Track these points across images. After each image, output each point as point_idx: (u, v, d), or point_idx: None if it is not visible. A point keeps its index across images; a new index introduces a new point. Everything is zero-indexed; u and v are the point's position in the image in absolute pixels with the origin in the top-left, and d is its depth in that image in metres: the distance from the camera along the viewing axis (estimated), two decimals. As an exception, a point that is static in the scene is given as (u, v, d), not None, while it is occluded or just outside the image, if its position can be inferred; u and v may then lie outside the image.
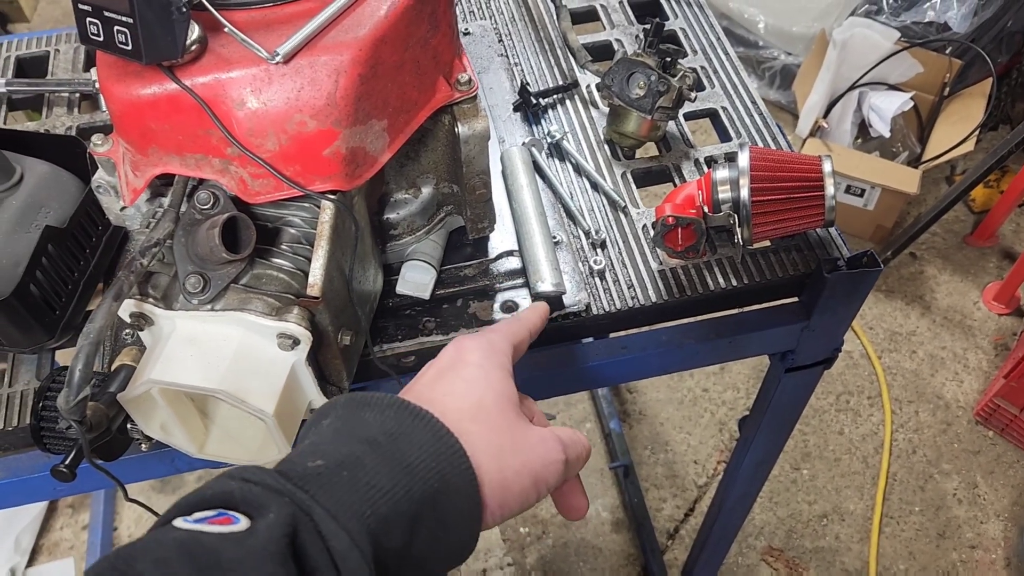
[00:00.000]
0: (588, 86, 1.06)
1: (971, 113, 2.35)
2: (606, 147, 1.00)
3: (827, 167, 0.85)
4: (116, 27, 0.57)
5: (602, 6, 1.17)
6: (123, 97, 0.61)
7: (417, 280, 0.84)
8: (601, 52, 1.11)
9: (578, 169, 0.98)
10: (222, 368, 0.62)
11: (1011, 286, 2.34)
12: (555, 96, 1.05)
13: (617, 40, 1.12)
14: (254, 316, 0.63)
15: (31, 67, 1.11)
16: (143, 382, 0.61)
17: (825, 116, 2.41)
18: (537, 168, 0.96)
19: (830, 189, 0.84)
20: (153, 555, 0.38)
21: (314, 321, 0.65)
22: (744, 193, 0.84)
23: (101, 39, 0.58)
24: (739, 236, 0.84)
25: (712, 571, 1.65)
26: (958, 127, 2.34)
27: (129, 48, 0.57)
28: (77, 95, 1.06)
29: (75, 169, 0.85)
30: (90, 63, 1.11)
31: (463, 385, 0.55)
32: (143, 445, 0.70)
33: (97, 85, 1.02)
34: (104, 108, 1.04)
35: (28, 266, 0.75)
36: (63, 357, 0.86)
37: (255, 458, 0.70)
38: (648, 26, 0.93)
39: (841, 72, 2.35)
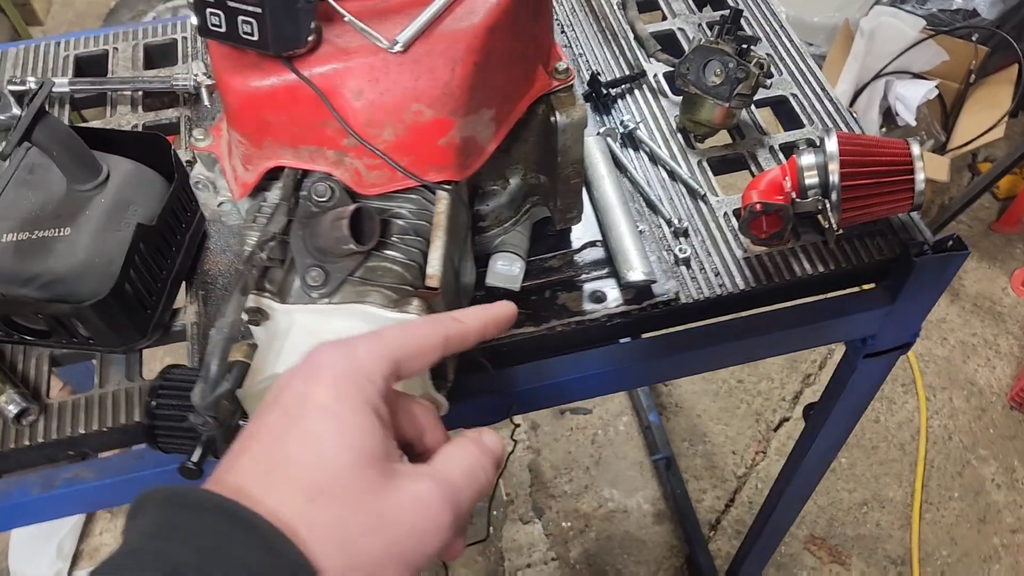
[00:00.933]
0: (655, 75, 1.06)
1: (998, 100, 2.35)
2: (679, 136, 0.99)
3: (916, 150, 0.84)
4: (241, 17, 0.56)
5: (662, -4, 1.16)
6: (241, 89, 0.60)
7: (507, 272, 0.84)
8: (664, 41, 1.10)
9: (653, 158, 0.97)
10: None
11: (1041, 271, 2.35)
12: (623, 86, 1.04)
13: (680, 29, 1.12)
14: (375, 308, 0.62)
15: (89, 66, 1.11)
16: (268, 376, 0.61)
17: (851, 105, 2.41)
18: (613, 158, 0.96)
19: (920, 173, 0.84)
20: None
21: (431, 312, 0.64)
22: (834, 178, 0.83)
23: (223, 30, 0.58)
24: (830, 221, 0.83)
25: (763, 560, 1.65)
26: (984, 114, 2.34)
27: (255, 38, 0.56)
28: (140, 93, 1.06)
29: (158, 166, 0.85)
30: (150, 61, 1.11)
31: (305, 448, 0.40)
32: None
33: (173, 82, 1.02)
34: (186, 104, 1.03)
35: (123, 265, 0.75)
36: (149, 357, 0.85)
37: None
38: (726, 12, 0.93)
39: (867, 62, 2.34)
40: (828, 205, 0.83)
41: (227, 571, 0.35)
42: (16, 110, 1.00)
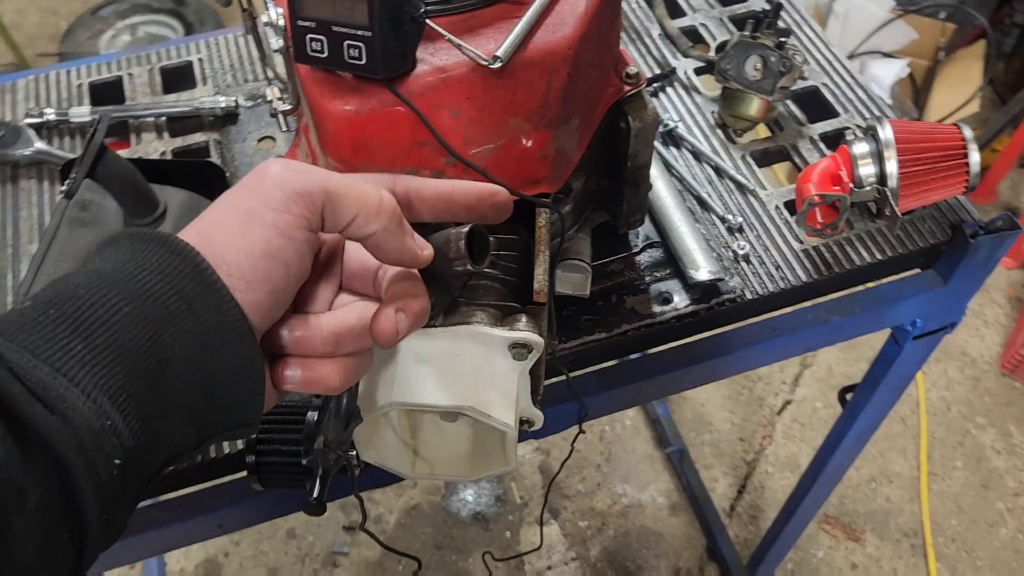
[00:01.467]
0: (685, 71, 1.06)
1: (968, 75, 2.41)
2: (719, 131, 1.00)
3: (967, 133, 0.86)
4: (347, 42, 0.55)
5: (681, -8, 1.17)
6: (340, 114, 0.59)
7: (574, 279, 0.83)
8: (688, 37, 1.10)
9: (697, 155, 0.98)
10: (463, 384, 0.60)
11: (1018, 241, 2.41)
12: (655, 85, 1.04)
13: (702, 24, 1.12)
14: (485, 328, 0.61)
15: (105, 93, 1.07)
16: (384, 405, 0.59)
17: (826, 88, 2.45)
18: (660, 157, 0.96)
19: (974, 156, 0.85)
20: None
21: (539, 328, 0.63)
22: (891, 166, 0.84)
23: (325, 55, 0.56)
24: (892, 208, 0.84)
25: (789, 544, 1.67)
26: (956, 90, 2.40)
27: (363, 63, 0.55)
28: (164, 118, 1.03)
29: (210, 194, 0.82)
30: (167, 85, 1.07)
31: (226, 236, 0.42)
32: (355, 471, 0.67)
33: (199, 105, 0.99)
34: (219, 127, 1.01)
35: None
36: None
37: (474, 473, 0.68)
38: (766, 7, 0.93)
39: (840, 43, 2.38)
40: (887, 193, 0.84)
41: (137, 266, 0.39)
42: (39, 144, 0.96)
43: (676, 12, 1.15)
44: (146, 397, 0.38)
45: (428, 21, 0.58)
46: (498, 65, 0.59)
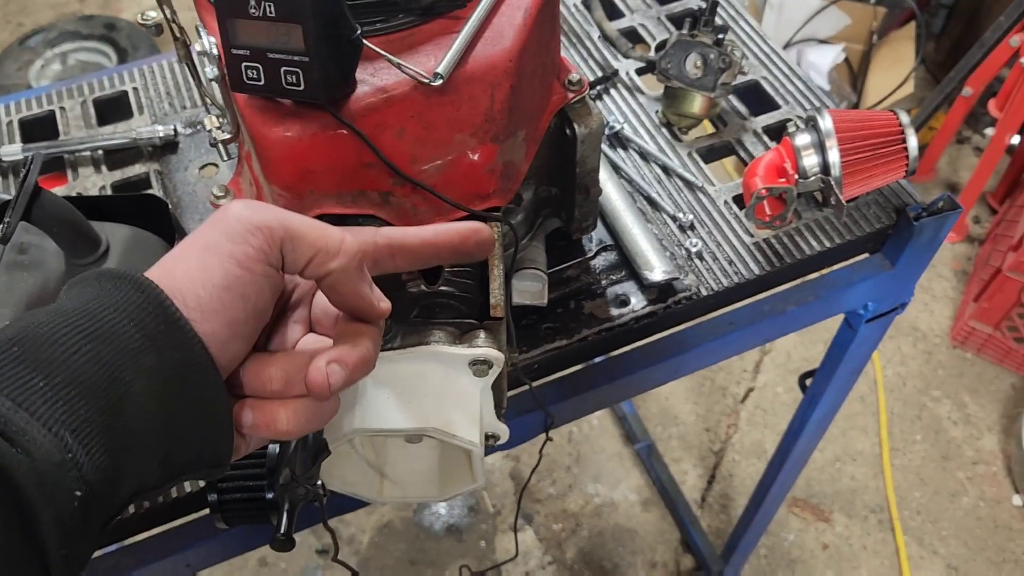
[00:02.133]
0: (627, 72, 1.07)
1: (900, 56, 2.47)
2: (664, 130, 1.01)
3: (904, 118, 0.88)
4: (284, 68, 0.54)
5: (617, -7, 1.17)
6: (281, 141, 0.58)
7: (532, 288, 0.83)
8: (628, 38, 1.11)
9: (644, 156, 0.98)
10: (425, 405, 0.59)
11: (961, 216, 2.47)
12: (599, 87, 1.05)
13: (641, 24, 1.13)
14: (444, 347, 0.60)
15: (37, 129, 1.04)
16: (347, 432, 0.58)
17: (766, 78, 2.48)
18: (607, 160, 0.96)
19: (912, 141, 0.87)
20: None
21: (498, 343, 0.63)
22: (833, 155, 0.86)
23: (262, 83, 0.55)
24: (836, 197, 0.85)
25: (760, 531, 1.68)
26: (891, 71, 2.45)
27: (301, 88, 0.54)
28: (100, 151, 1.00)
29: (155, 228, 0.80)
30: (105, 117, 1.05)
31: (184, 269, 0.43)
32: (322, 500, 0.66)
33: (136, 136, 0.97)
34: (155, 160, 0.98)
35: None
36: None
37: (443, 493, 0.68)
38: (701, 5, 0.94)
39: (777, 33, 2.42)
40: (831, 182, 0.86)
41: (99, 305, 0.40)
42: (-28, 186, 0.93)
43: (615, 14, 1.16)
44: (109, 432, 0.38)
45: (366, 42, 0.58)
46: (439, 82, 0.59)
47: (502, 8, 0.63)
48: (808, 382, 1.23)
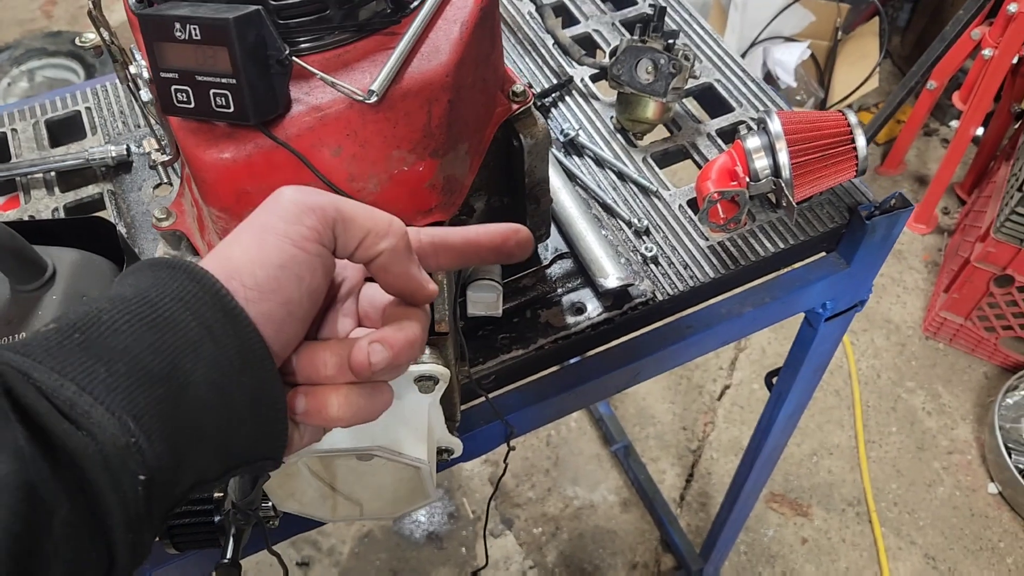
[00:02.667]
0: (582, 79, 1.07)
1: (866, 52, 2.49)
2: (619, 136, 1.01)
3: (852, 119, 0.88)
4: (213, 90, 0.53)
5: (571, 0, 1.17)
6: (216, 163, 0.57)
7: (486, 299, 0.83)
8: (582, 44, 1.11)
9: (599, 162, 0.98)
10: (372, 424, 0.59)
11: (928, 207, 2.49)
12: (554, 95, 1.05)
13: (595, 31, 1.13)
14: (389, 365, 0.60)
15: (-12, 152, 1.03)
16: (296, 455, 0.58)
17: (733, 76, 2.50)
18: (562, 167, 0.96)
19: (860, 140, 0.87)
20: None
21: (444, 358, 0.63)
22: (783, 157, 0.86)
23: (192, 106, 0.55)
24: (788, 199, 0.86)
25: (738, 527, 1.69)
26: (857, 67, 2.47)
27: (231, 110, 0.54)
28: (53, 173, 0.99)
29: (103, 251, 0.80)
30: (55, 138, 1.04)
31: (240, 252, 0.43)
32: (274, 522, 0.66)
33: (88, 156, 0.96)
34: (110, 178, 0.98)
35: (94, 361, 0.70)
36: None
37: (397, 510, 0.68)
38: (647, 11, 0.94)
39: (743, 32, 2.43)
40: (782, 184, 0.86)
41: (159, 294, 0.40)
42: (-80, 212, 0.92)
43: (571, 21, 1.16)
44: (168, 421, 0.39)
45: (298, 60, 0.57)
46: (374, 99, 0.58)
47: (438, 23, 0.63)
48: (775, 380, 1.24)
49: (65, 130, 1.06)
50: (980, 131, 2.40)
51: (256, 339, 0.42)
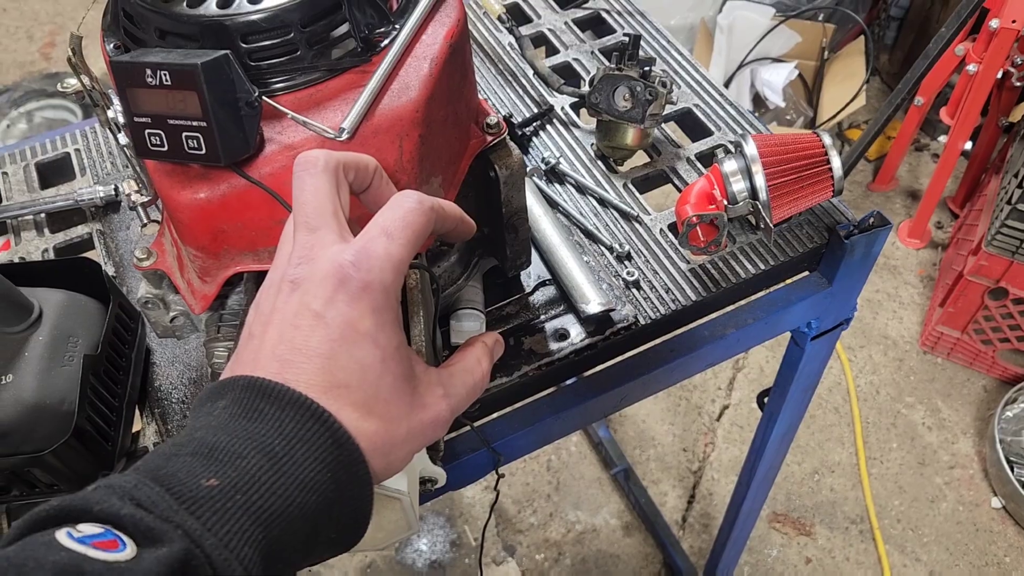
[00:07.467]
0: (563, 107, 1.08)
1: (853, 70, 2.51)
2: (599, 162, 1.02)
3: (827, 140, 0.89)
4: (185, 133, 0.55)
5: (550, 30, 1.19)
6: (191, 203, 0.59)
7: (469, 328, 0.84)
8: (562, 73, 1.13)
9: (580, 189, 1.00)
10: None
11: (921, 222, 2.50)
12: (535, 124, 1.06)
13: (575, 59, 1.15)
14: (367, 397, 0.61)
15: (-21, 196, 1.05)
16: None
17: (723, 97, 2.52)
18: (543, 195, 0.97)
19: (836, 161, 0.88)
20: None
21: (422, 388, 0.64)
22: (759, 180, 0.87)
23: (165, 149, 0.56)
24: (765, 221, 0.87)
25: (739, 548, 1.68)
26: (844, 85, 2.49)
27: (203, 152, 0.55)
28: (43, 215, 1.01)
29: (89, 291, 0.81)
30: (45, 180, 1.06)
31: (354, 373, 0.46)
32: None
33: (77, 197, 0.97)
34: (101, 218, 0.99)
35: (79, 401, 0.71)
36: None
37: (380, 542, 0.68)
38: (623, 39, 0.96)
39: (730, 55, 2.46)
40: (759, 206, 0.87)
41: (308, 456, 0.43)
42: (-89, 257, 0.94)
43: (552, 51, 1.18)
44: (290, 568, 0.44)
45: (269, 100, 0.59)
46: (345, 136, 0.60)
47: (408, 60, 0.64)
48: (766, 400, 1.24)
49: (55, 171, 1.07)
50: (969, 145, 2.41)
51: (368, 502, 0.46)
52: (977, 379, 2.24)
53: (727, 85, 2.52)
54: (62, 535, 0.36)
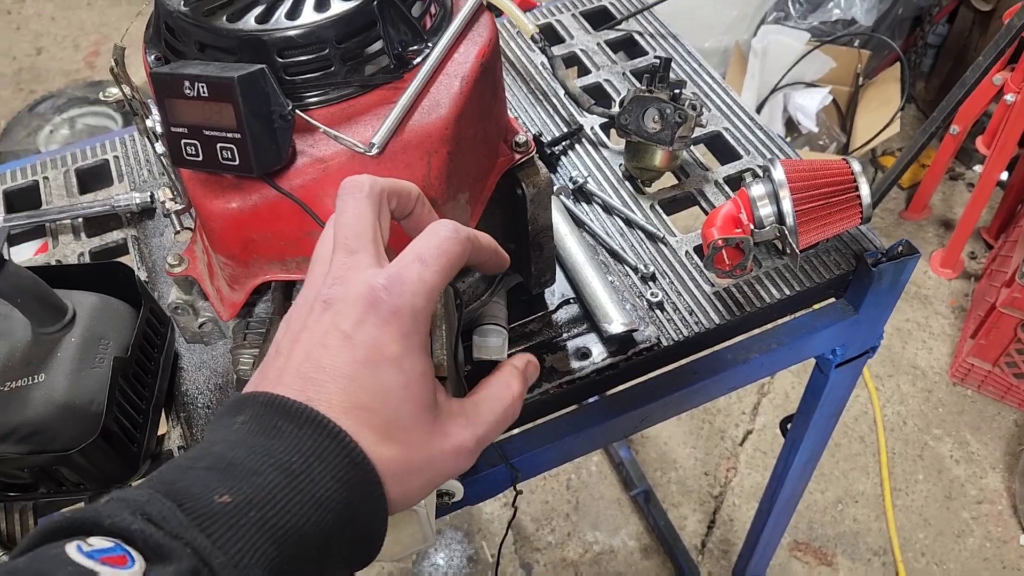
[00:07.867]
0: (592, 127, 1.09)
1: (887, 97, 2.49)
2: (627, 183, 1.03)
3: (856, 167, 0.89)
4: (219, 144, 0.56)
5: (582, 51, 1.20)
6: (224, 212, 0.60)
7: (492, 344, 0.84)
8: (593, 94, 1.14)
9: (607, 209, 1.00)
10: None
11: (954, 251, 2.47)
12: (564, 143, 1.07)
13: (606, 80, 1.15)
14: (388, 408, 0.62)
15: (21, 199, 1.07)
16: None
17: (755, 121, 2.52)
18: (570, 214, 0.98)
19: (864, 188, 0.88)
20: None
21: (442, 402, 0.64)
22: (787, 205, 0.87)
23: (200, 159, 0.57)
24: (792, 246, 0.87)
25: (760, 573, 1.66)
26: (879, 112, 2.47)
27: (236, 163, 0.56)
28: (80, 220, 1.03)
29: (122, 295, 0.83)
30: (84, 185, 1.08)
31: (375, 396, 0.46)
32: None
33: (114, 203, 1.00)
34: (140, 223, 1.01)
35: (107, 403, 0.73)
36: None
37: (395, 553, 0.68)
38: (654, 62, 0.97)
39: (763, 78, 2.46)
40: (786, 231, 0.87)
41: (325, 474, 0.43)
42: (-47, 256, 0.96)
43: (583, 71, 1.19)
44: None
45: (302, 114, 0.60)
46: (375, 151, 0.61)
47: (439, 78, 0.66)
48: (789, 426, 1.23)
49: (94, 177, 1.10)
50: (1005, 175, 2.38)
51: (383, 526, 0.46)
52: (1008, 413, 2.20)
53: (760, 109, 2.51)
54: (72, 548, 0.37)
